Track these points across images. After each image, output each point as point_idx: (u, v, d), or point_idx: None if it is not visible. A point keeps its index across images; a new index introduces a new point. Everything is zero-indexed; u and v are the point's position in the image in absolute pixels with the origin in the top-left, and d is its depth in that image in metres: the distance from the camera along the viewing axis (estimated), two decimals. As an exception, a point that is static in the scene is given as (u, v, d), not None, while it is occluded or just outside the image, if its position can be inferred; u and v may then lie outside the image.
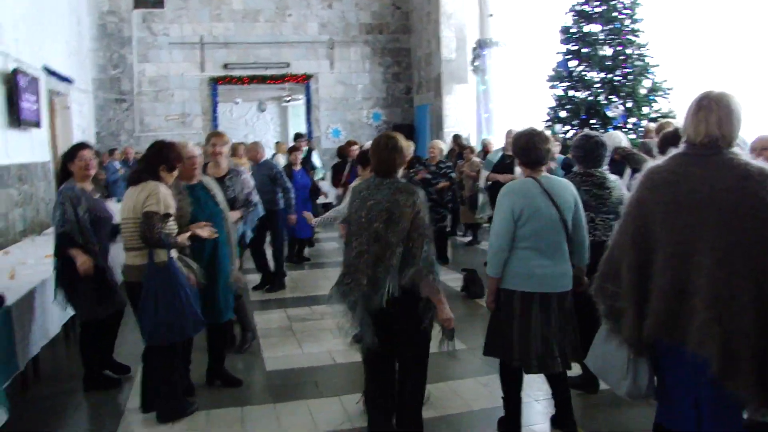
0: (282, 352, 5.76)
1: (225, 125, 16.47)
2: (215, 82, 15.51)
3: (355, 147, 9.27)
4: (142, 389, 4.46)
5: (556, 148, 9.13)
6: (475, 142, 12.49)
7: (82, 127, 13.86)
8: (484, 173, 8.95)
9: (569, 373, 4.60)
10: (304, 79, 15.98)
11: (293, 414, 4.45)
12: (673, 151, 2.54)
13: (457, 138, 12.37)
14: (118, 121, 15.20)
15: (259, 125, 21.71)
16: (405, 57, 16.57)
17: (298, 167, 9.17)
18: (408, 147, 3.97)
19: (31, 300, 4.80)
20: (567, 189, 3.85)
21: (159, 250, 4.14)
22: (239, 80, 15.53)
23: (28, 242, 7.08)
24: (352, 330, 3.62)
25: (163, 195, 4.16)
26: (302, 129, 21.29)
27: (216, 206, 4.78)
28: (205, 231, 4.41)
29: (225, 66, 15.54)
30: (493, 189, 8.35)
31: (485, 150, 10.43)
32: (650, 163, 2.60)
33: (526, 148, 3.86)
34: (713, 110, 2.41)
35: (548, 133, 4.27)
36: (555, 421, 4.12)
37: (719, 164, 2.35)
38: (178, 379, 4.36)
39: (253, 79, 15.61)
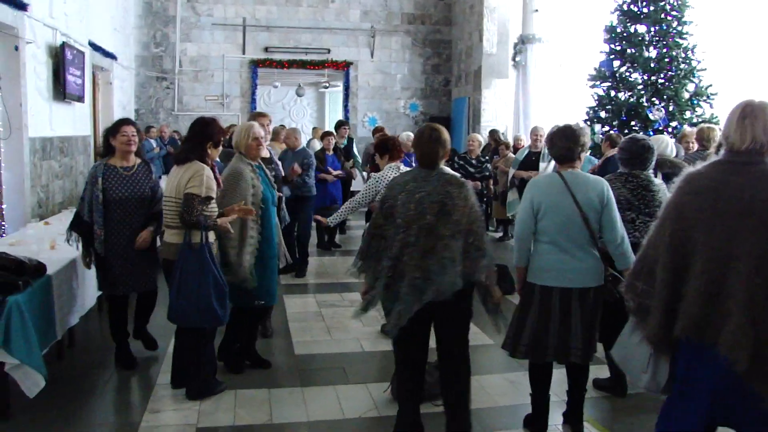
0: (311, 337, 5.81)
1: (262, 108, 16.48)
2: (255, 64, 15.59)
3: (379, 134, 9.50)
4: (173, 365, 4.56)
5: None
6: (512, 138, 12.39)
7: (122, 103, 14.05)
8: (512, 170, 9.00)
9: (598, 375, 4.65)
10: (344, 66, 16.00)
11: (320, 399, 4.50)
12: (712, 158, 2.59)
13: (494, 133, 12.32)
14: (157, 99, 15.37)
15: (296, 110, 21.77)
16: (445, 49, 16.50)
17: (331, 152, 9.22)
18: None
19: (69, 271, 4.90)
20: (593, 187, 3.83)
21: (195, 231, 4.17)
22: (279, 64, 15.60)
23: (66, 214, 7.19)
24: (393, 322, 3.57)
25: (206, 177, 4.19)
26: (339, 116, 21.40)
27: (272, 188, 4.84)
28: (236, 213, 4.37)
29: (266, 49, 15.61)
30: (521, 186, 8.42)
31: (515, 147, 10.41)
32: (689, 169, 2.63)
33: (553, 145, 3.96)
34: (759, 117, 2.47)
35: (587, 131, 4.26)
36: (566, 415, 4.17)
37: (759, 174, 2.42)
38: (207, 358, 4.41)
39: (293, 64, 15.67)
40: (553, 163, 8.55)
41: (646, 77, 8.89)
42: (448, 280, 3.46)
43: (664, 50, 8.79)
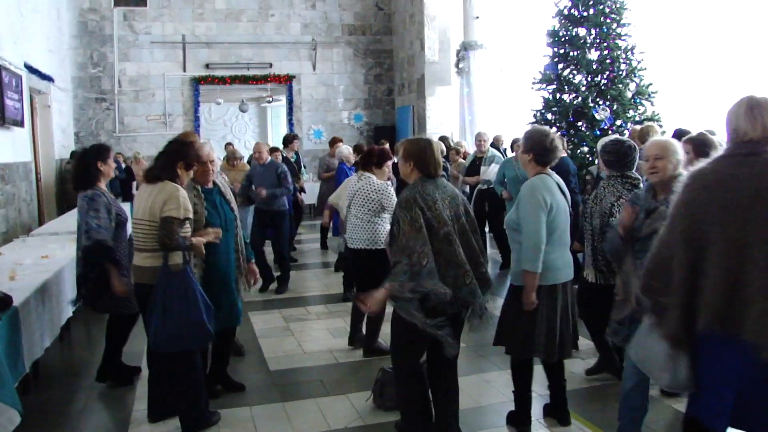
0: (282, 352, 5.76)
1: (203, 126, 16.33)
2: (197, 82, 15.40)
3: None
4: (150, 397, 4.38)
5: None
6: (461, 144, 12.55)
7: (61, 126, 13.69)
8: (461, 178, 9.17)
9: (577, 366, 4.80)
10: (287, 80, 15.94)
11: (303, 412, 4.46)
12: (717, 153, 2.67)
13: (444, 139, 12.43)
14: (98, 120, 15.02)
15: (238, 126, 21.58)
16: (387, 58, 16.63)
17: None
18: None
19: (34, 302, 4.75)
20: (562, 184, 4.07)
21: (174, 253, 4.04)
22: (221, 80, 15.44)
23: (19, 243, 6.98)
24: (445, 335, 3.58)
25: (182, 199, 4.05)
26: (282, 130, 21.29)
27: (231, 211, 4.72)
28: (210, 235, 4.28)
29: (207, 66, 15.44)
30: (477, 194, 8.64)
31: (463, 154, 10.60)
32: (693, 167, 2.70)
33: (549, 149, 3.95)
34: (765, 107, 2.56)
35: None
36: (549, 409, 4.29)
37: (764, 164, 2.49)
38: (202, 387, 4.26)
39: (235, 80, 15.54)
40: (493, 166, 8.71)
41: (589, 78, 9.15)
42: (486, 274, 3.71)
43: (606, 52, 9.06)
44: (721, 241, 2.47)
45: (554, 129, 9.27)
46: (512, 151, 8.33)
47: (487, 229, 8.95)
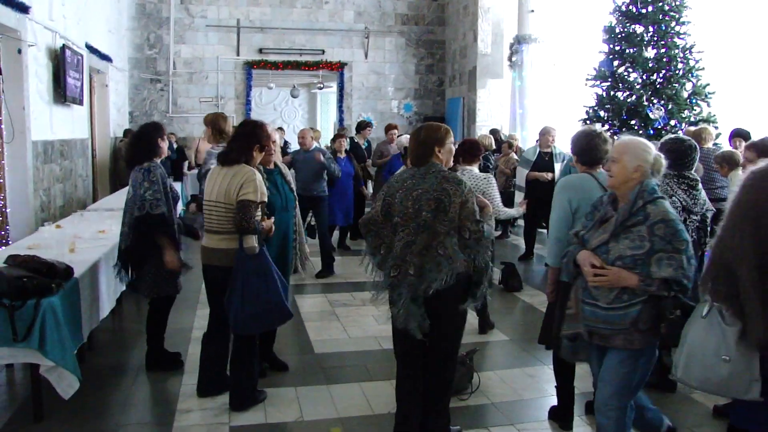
0: (328, 336, 5.86)
1: (254, 110, 16.54)
2: (250, 66, 15.59)
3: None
4: (201, 374, 4.49)
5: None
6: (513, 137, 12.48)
7: (117, 105, 14.02)
8: (522, 171, 8.97)
9: None
10: (338, 67, 16.03)
11: (347, 395, 4.56)
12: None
13: (495, 132, 12.36)
14: (151, 101, 15.33)
15: (288, 111, 21.77)
16: (439, 49, 16.58)
17: (343, 155, 9.23)
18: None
19: (92, 274, 4.92)
20: None
21: (249, 236, 4.11)
22: (274, 65, 15.61)
23: (77, 217, 7.20)
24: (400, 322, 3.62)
25: (259, 183, 4.10)
26: (331, 117, 21.42)
27: (291, 192, 4.81)
28: (267, 223, 4.35)
29: (260, 50, 15.61)
30: (533, 187, 8.39)
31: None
32: (754, 167, 2.63)
33: (588, 148, 3.99)
34: None
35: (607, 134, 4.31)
36: (591, 406, 4.22)
37: None
38: (256, 366, 4.37)
39: (287, 65, 15.69)
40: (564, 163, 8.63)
41: (645, 77, 9.02)
42: (442, 277, 3.52)
43: (663, 50, 8.93)
44: None
45: (606, 127, 9.18)
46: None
47: None
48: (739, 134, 7.52)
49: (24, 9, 7.84)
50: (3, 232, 7.45)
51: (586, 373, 4.26)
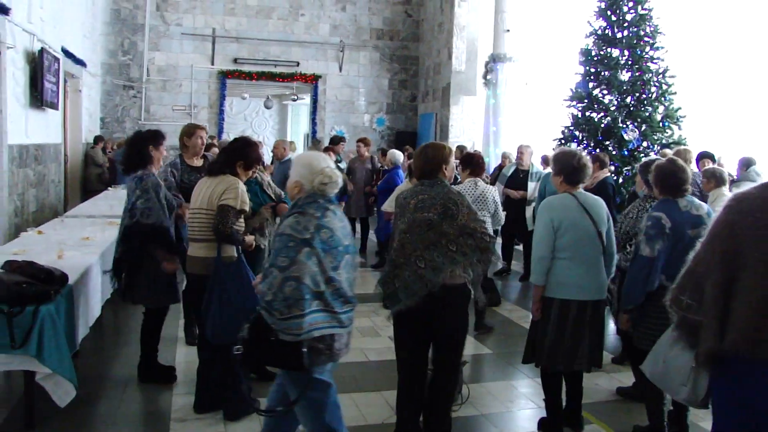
0: (314, 347, 5.88)
1: (225, 120, 16.50)
2: (224, 75, 15.58)
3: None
4: (198, 389, 4.44)
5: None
6: (485, 154, 12.69)
7: (89, 110, 13.87)
8: (499, 187, 9.18)
9: (605, 381, 4.93)
10: (313, 80, 16.11)
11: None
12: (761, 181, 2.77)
13: (462, 149, 12.53)
14: (124, 107, 15.20)
15: (258, 122, 21.77)
16: (413, 65, 16.78)
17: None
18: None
19: (84, 281, 4.88)
20: (600, 205, 4.17)
21: (227, 245, 4.14)
22: (248, 75, 15.62)
23: (57, 223, 7.11)
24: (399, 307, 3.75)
25: (241, 191, 4.17)
26: (302, 128, 21.45)
27: (270, 199, 4.93)
28: (249, 239, 4.43)
29: (235, 60, 15.62)
30: (506, 204, 8.57)
31: (501, 164, 10.58)
32: (737, 190, 2.80)
33: (574, 167, 4.14)
34: None
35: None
36: (565, 414, 4.37)
37: None
38: (244, 375, 4.33)
39: (261, 76, 15.72)
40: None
41: (619, 99, 9.27)
42: (456, 271, 3.68)
43: (637, 74, 9.19)
44: (759, 264, 2.51)
45: (581, 147, 9.40)
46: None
47: None
48: (705, 156, 7.84)
49: (5, 10, 7.76)
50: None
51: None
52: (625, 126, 9.04)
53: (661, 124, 9.13)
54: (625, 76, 9.33)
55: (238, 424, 4.23)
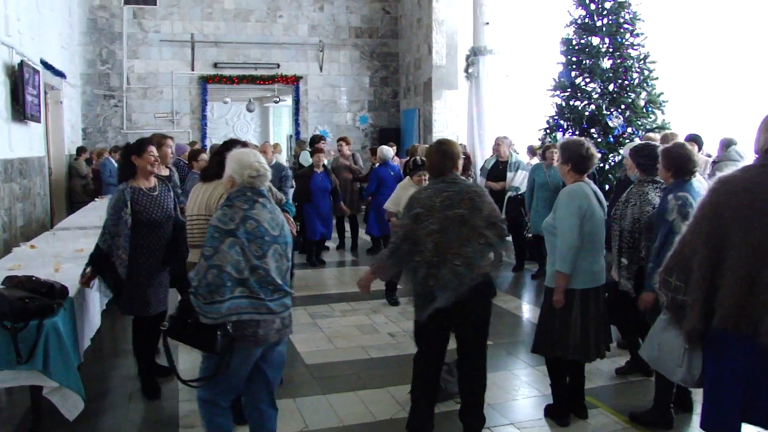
0: (315, 347, 5.91)
1: (207, 125, 16.45)
2: (205, 80, 15.50)
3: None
4: None
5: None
6: (469, 147, 12.73)
7: (71, 122, 13.76)
8: (481, 180, 9.30)
9: (605, 365, 5.02)
10: (294, 81, 16.07)
11: (346, 404, 4.62)
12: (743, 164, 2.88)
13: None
14: (105, 117, 15.09)
15: (240, 125, 21.71)
16: (393, 61, 16.80)
17: (320, 169, 9.28)
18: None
19: (83, 293, 4.86)
20: (600, 194, 4.26)
21: None
22: (229, 80, 15.55)
23: (48, 236, 7.07)
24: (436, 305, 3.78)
25: None
26: (284, 130, 21.42)
27: None
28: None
29: (215, 65, 15.55)
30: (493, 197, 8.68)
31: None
32: (722, 173, 2.88)
33: (586, 157, 4.20)
34: None
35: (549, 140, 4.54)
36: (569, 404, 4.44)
37: None
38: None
39: (242, 79, 15.65)
40: (520, 172, 8.93)
41: (602, 87, 9.33)
42: (487, 263, 3.82)
43: (619, 61, 9.25)
44: (743, 245, 2.63)
45: (567, 135, 9.47)
46: (542, 158, 8.45)
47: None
48: (692, 139, 7.91)
49: (-17, 25, 7.70)
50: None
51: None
52: (609, 113, 9.09)
53: (644, 109, 9.19)
54: (606, 63, 9.38)
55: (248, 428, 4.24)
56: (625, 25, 9.25)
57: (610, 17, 9.27)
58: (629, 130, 9.22)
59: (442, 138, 4.34)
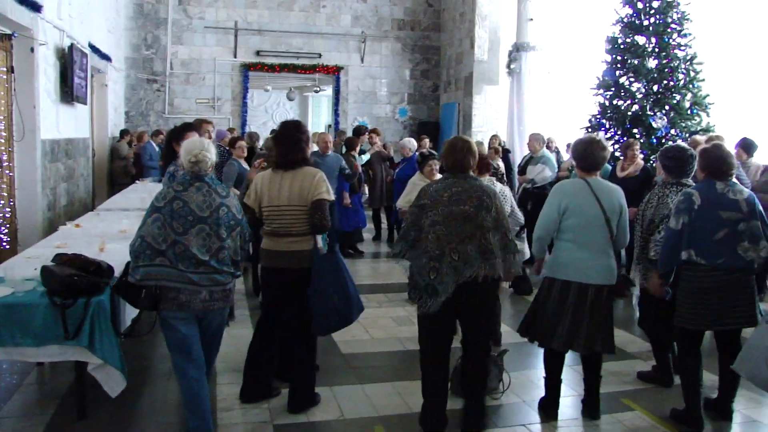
0: (350, 336, 5.92)
1: (247, 112, 16.59)
2: (247, 68, 15.62)
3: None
4: (246, 379, 4.50)
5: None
6: (509, 144, 12.66)
7: (114, 105, 13.99)
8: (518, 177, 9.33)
9: (642, 367, 4.97)
10: (335, 71, 16.11)
11: (382, 395, 4.65)
12: None
13: (480, 144, 12.47)
14: (148, 101, 15.30)
15: (279, 113, 21.84)
16: (434, 55, 16.74)
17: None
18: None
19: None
20: (615, 193, 4.23)
21: (317, 237, 4.20)
22: (270, 68, 15.64)
23: (93, 216, 7.21)
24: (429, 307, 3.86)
25: (327, 183, 4.25)
26: (323, 120, 21.51)
27: None
28: None
29: (257, 53, 15.65)
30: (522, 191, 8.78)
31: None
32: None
33: (585, 154, 4.25)
34: None
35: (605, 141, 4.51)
36: (583, 402, 4.46)
37: None
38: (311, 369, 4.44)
39: (284, 68, 15.72)
40: (540, 166, 8.84)
41: (646, 87, 9.22)
42: (488, 266, 3.85)
43: (665, 61, 9.13)
44: None
45: (608, 135, 9.38)
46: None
47: None
48: (745, 145, 7.69)
49: (37, 8, 7.85)
50: (7, 230, 7.44)
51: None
52: (653, 114, 8.99)
53: (689, 111, 9.08)
54: (652, 63, 9.28)
55: (283, 414, 4.29)
56: (673, 25, 9.14)
57: (657, 17, 9.16)
58: (673, 131, 9.12)
59: (458, 136, 4.37)
